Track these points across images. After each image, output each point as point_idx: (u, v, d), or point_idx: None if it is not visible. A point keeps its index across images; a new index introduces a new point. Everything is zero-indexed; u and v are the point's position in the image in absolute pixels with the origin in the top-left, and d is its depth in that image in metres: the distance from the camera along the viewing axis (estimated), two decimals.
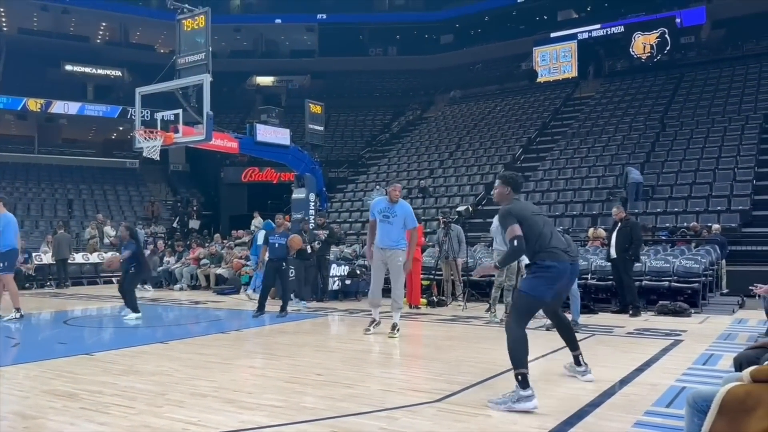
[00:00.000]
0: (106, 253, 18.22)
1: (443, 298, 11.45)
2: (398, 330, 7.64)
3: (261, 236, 14.06)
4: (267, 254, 10.04)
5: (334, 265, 12.70)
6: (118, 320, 10.19)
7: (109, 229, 20.33)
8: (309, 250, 11.70)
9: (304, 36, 38.18)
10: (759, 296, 7.44)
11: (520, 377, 4.42)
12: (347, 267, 12.98)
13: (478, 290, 11.78)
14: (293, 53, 38.76)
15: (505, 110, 27.85)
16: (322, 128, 15.07)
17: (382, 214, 7.63)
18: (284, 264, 10.05)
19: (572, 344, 5.28)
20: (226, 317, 10.49)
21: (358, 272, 12.95)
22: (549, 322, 8.33)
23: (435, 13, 36.86)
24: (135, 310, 9.61)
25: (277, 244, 9.95)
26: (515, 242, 4.61)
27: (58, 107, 30.51)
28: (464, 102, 30.57)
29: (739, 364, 3.45)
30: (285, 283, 10.20)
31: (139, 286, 15.64)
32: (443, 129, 27.71)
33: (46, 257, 17.23)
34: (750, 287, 7.51)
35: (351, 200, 23.05)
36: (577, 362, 5.28)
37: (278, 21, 36.55)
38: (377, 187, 22.48)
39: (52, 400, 4.63)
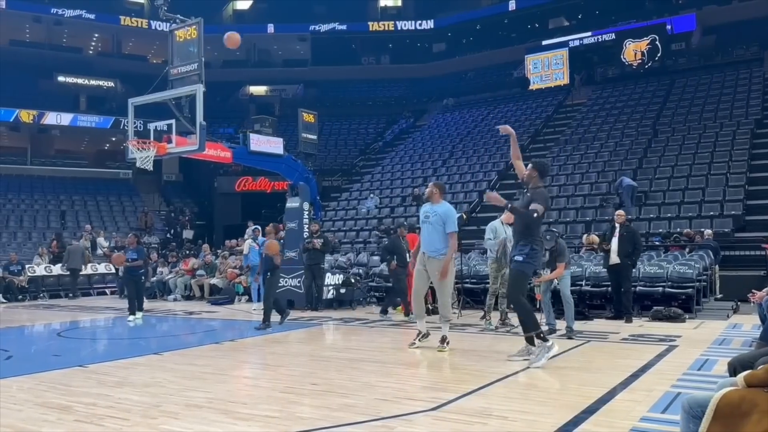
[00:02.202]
0: (98, 264, 18.19)
1: (437, 305, 11.41)
2: (448, 343, 7.14)
3: (246, 246, 14.03)
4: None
5: (329, 274, 12.68)
6: (111, 331, 10.16)
7: (102, 240, 20.28)
8: (409, 258, 10.86)
9: (297, 45, 38.23)
10: (754, 302, 7.46)
11: (542, 335, 6.17)
12: (342, 276, 12.97)
13: (473, 297, 11.78)
14: (286, 63, 38.79)
15: (497, 118, 27.90)
16: (315, 137, 15.06)
17: (424, 215, 7.37)
18: (269, 273, 9.72)
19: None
20: (221, 328, 10.45)
21: (353, 281, 12.95)
22: (545, 329, 8.36)
23: (427, 21, 37.01)
24: (141, 309, 11.38)
25: (264, 254, 10.00)
26: (535, 215, 6.00)
27: (51, 118, 30.40)
28: (457, 110, 30.65)
29: (733, 369, 3.46)
30: (266, 292, 9.78)
31: None
32: (436, 137, 27.76)
33: (39, 269, 17.14)
34: (749, 294, 7.54)
35: (345, 209, 23.03)
36: (532, 342, 6.34)
37: (271, 31, 36.58)
38: (371, 195, 22.52)
39: (46, 412, 4.60)
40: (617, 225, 10.07)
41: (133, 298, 11.30)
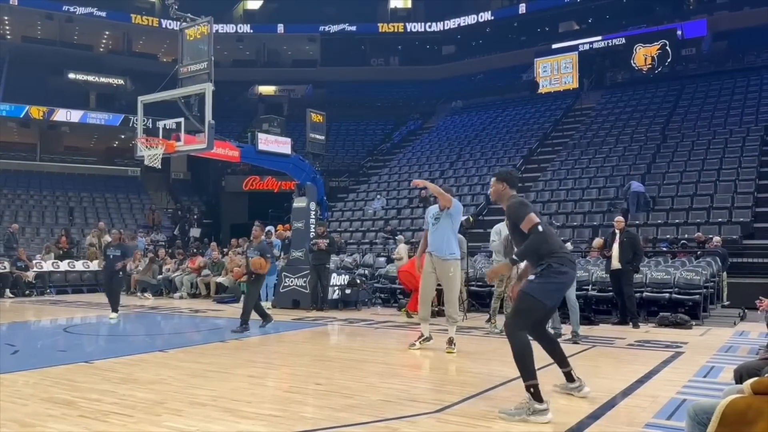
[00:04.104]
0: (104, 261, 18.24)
1: (444, 307, 11.37)
2: (455, 345, 7.19)
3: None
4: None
5: (334, 275, 12.69)
6: (117, 328, 10.19)
7: (108, 238, 20.32)
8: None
9: (306, 46, 38.34)
10: (761, 310, 7.40)
11: (532, 389, 4.30)
12: (347, 276, 12.97)
13: (478, 300, 11.76)
14: (295, 63, 38.90)
15: (506, 121, 27.91)
16: (323, 137, 15.08)
17: (434, 218, 7.27)
18: (252, 276, 9.53)
19: (561, 361, 4.92)
20: (226, 326, 10.45)
21: (358, 281, 12.95)
22: (550, 333, 8.34)
23: (437, 23, 37.03)
24: (116, 309, 10.86)
25: (251, 257, 9.55)
26: (539, 228, 4.41)
27: (61, 115, 30.57)
28: (465, 112, 30.63)
29: (740, 376, 3.44)
30: (248, 296, 9.63)
31: (138, 294, 15.74)
32: (444, 139, 27.75)
33: (47, 264, 17.23)
34: (756, 302, 7.49)
35: (352, 209, 23.05)
36: (570, 378, 4.96)
37: (281, 31, 36.70)
38: (378, 196, 22.52)
39: (51, 407, 4.62)
40: (617, 231, 10.08)
41: (112, 295, 10.92)
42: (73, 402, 4.78)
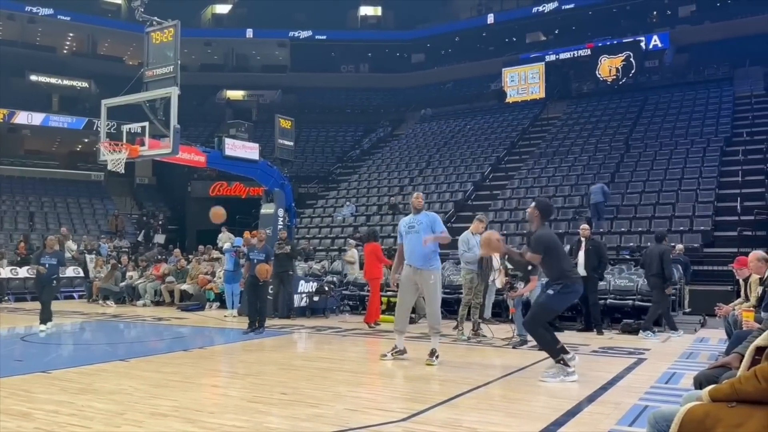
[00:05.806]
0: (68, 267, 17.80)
1: (411, 315, 11.36)
2: (437, 356, 6.88)
3: (227, 256, 13.70)
4: (248, 271, 10.11)
5: (302, 282, 12.59)
6: (77, 336, 9.95)
7: (71, 244, 19.88)
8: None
9: (276, 51, 38.16)
10: (720, 316, 7.59)
11: (562, 361, 5.86)
12: (315, 283, 12.88)
13: (446, 308, 11.76)
14: (265, 68, 38.67)
15: (474, 129, 28.15)
16: (292, 143, 14.99)
17: (407, 226, 7.14)
18: (261, 280, 9.97)
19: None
20: (190, 335, 10.30)
21: (327, 289, 12.87)
22: (516, 340, 8.41)
23: (407, 32, 37.26)
24: (50, 319, 10.16)
25: (255, 260, 10.02)
26: (530, 267, 6.57)
27: (22, 118, 29.85)
28: (434, 120, 30.82)
29: (699, 383, 3.48)
30: (262, 300, 10.09)
31: (100, 301, 15.38)
32: (414, 146, 27.86)
33: (5, 271, 16.75)
34: (715, 307, 7.68)
35: (321, 216, 22.96)
36: (563, 350, 6.07)
37: (250, 36, 36.48)
38: (347, 203, 22.48)
39: (5, 419, 4.46)
40: (582, 239, 10.23)
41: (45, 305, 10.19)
42: (29, 413, 4.63)
